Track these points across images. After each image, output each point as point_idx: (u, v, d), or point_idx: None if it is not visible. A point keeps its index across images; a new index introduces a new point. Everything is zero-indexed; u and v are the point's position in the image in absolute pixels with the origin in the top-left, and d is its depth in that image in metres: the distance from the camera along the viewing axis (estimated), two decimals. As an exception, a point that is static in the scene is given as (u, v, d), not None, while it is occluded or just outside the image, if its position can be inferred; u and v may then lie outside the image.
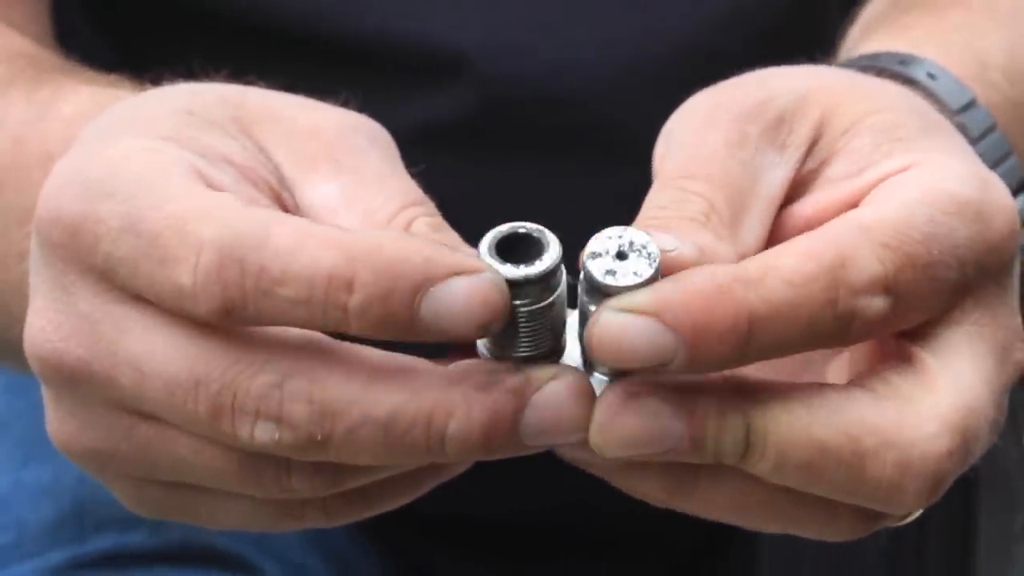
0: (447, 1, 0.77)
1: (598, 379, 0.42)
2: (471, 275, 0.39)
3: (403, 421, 0.39)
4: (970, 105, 0.56)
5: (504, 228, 0.40)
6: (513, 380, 0.39)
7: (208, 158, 0.43)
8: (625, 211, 0.45)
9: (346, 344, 0.40)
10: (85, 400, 0.43)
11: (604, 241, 0.40)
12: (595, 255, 0.39)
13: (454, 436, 0.39)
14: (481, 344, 0.42)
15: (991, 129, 0.56)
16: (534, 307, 0.40)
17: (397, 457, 0.40)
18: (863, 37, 0.62)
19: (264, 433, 0.39)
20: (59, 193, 0.42)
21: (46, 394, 0.45)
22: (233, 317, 0.39)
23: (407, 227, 0.44)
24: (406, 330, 0.39)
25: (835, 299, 0.40)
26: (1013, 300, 0.44)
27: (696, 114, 0.47)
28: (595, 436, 0.39)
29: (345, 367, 0.39)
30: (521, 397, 0.39)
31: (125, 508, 0.70)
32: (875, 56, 0.57)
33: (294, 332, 0.40)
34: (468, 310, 0.38)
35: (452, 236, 0.44)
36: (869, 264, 0.40)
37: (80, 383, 0.42)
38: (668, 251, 0.41)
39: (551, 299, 0.40)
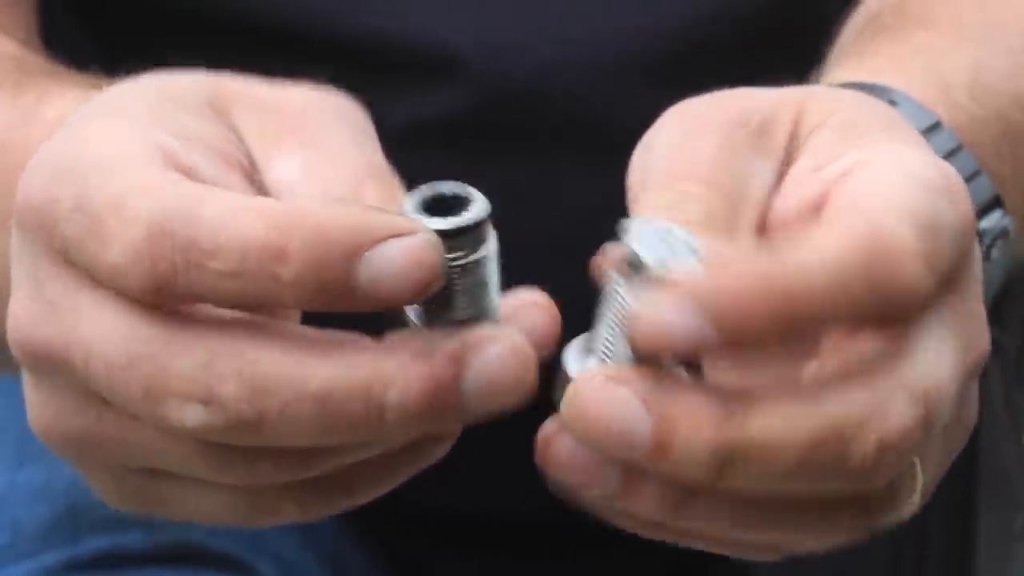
0: (440, 0, 0.78)
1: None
2: (406, 236, 0.39)
3: (339, 394, 0.39)
4: (933, 128, 0.57)
5: (425, 189, 0.40)
6: (451, 345, 0.39)
7: (181, 138, 0.43)
8: (620, 207, 0.46)
9: (279, 322, 0.40)
10: (57, 386, 0.43)
11: (649, 236, 0.40)
12: (637, 250, 0.40)
13: (394, 407, 0.39)
14: (414, 316, 0.42)
15: (957, 149, 0.57)
16: (465, 261, 0.40)
17: (337, 434, 0.40)
18: (835, 63, 0.63)
19: (193, 416, 0.39)
20: (31, 179, 0.43)
21: (26, 383, 0.45)
22: (164, 294, 0.39)
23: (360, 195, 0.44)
24: (344, 298, 0.39)
25: (868, 272, 0.40)
26: (979, 286, 0.45)
27: (679, 127, 0.48)
28: (565, 407, 0.40)
29: (277, 343, 0.39)
30: (460, 361, 0.39)
31: (114, 513, 0.64)
32: (848, 82, 0.58)
33: (228, 313, 0.40)
34: (405, 271, 0.38)
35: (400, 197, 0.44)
36: (906, 234, 0.41)
37: (49, 368, 0.43)
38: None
39: (482, 253, 0.40)
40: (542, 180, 0.58)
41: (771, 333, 0.39)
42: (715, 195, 0.44)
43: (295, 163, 0.44)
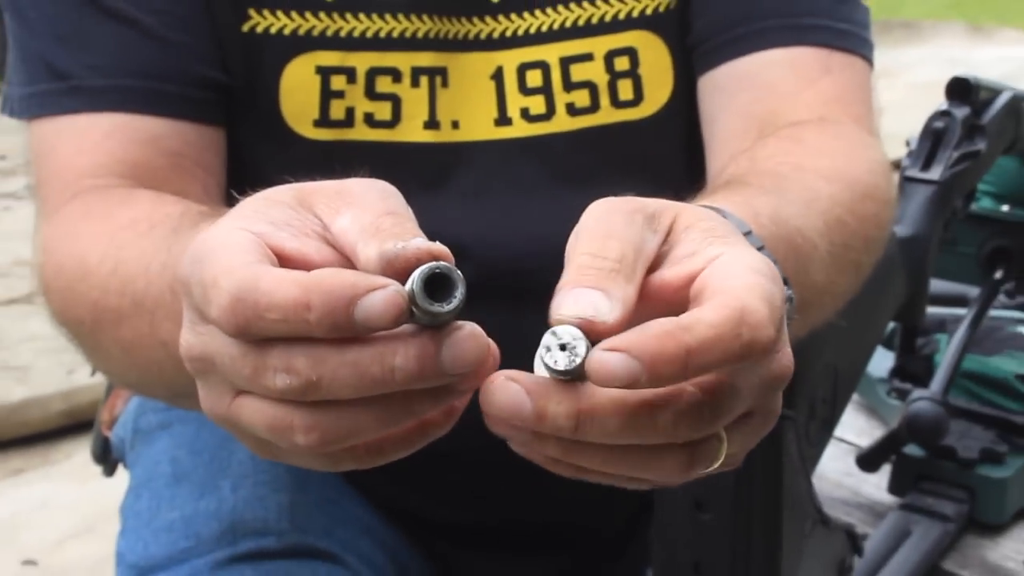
0: (454, 212, 0.92)
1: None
2: (382, 288, 0.45)
3: (364, 359, 0.46)
4: (747, 234, 0.64)
5: (425, 269, 0.46)
6: (432, 331, 0.47)
7: (272, 224, 0.50)
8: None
9: None
10: (211, 383, 0.51)
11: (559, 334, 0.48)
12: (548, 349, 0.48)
13: (399, 367, 0.46)
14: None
15: (761, 248, 0.64)
16: (449, 319, 0.47)
17: (367, 387, 0.46)
18: (696, 200, 0.71)
19: (282, 380, 0.47)
20: (181, 261, 0.51)
21: (198, 386, 0.52)
22: (245, 334, 0.47)
23: (378, 229, 0.49)
24: (350, 329, 0.46)
25: (740, 334, 0.47)
26: (784, 335, 0.51)
27: (600, 209, 0.53)
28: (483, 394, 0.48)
29: (327, 340, 0.46)
30: (438, 338, 0.46)
31: (259, 526, 0.94)
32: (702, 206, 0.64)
33: None
34: (385, 310, 0.45)
35: (409, 227, 0.49)
36: (760, 308, 0.48)
37: (202, 369, 0.51)
38: (605, 320, 0.47)
39: (457, 311, 0.47)
40: (523, 325, 0.57)
41: (676, 370, 0.46)
42: (626, 246, 0.50)
43: (345, 219, 0.50)
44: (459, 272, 0.46)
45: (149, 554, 0.96)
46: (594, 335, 0.47)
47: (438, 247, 0.47)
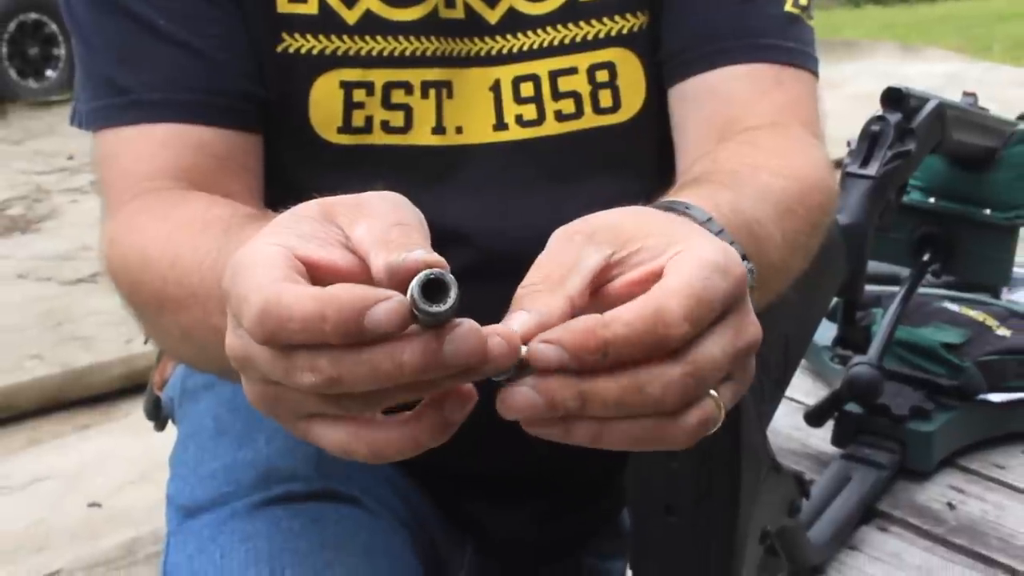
0: (459, 205, 0.91)
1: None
2: (386, 300, 0.45)
3: (378, 357, 0.46)
4: (708, 220, 0.64)
5: (422, 276, 0.46)
6: (434, 329, 0.46)
7: (301, 237, 0.50)
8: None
9: None
10: (253, 378, 0.51)
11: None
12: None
13: (407, 361, 0.46)
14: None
15: (721, 232, 0.64)
16: (446, 318, 0.46)
17: (381, 380, 0.46)
18: (667, 195, 0.71)
19: (308, 379, 0.47)
20: (223, 272, 0.51)
21: (242, 380, 0.52)
22: (272, 342, 0.47)
23: (387, 240, 0.49)
24: (362, 336, 0.45)
25: (654, 330, 0.48)
26: (749, 305, 0.52)
27: (552, 238, 0.55)
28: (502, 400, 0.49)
29: (344, 344, 0.46)
30: (440, 335, 0.46)
31: (289, 473, 0.92)
32: (660, 203, 0.67)
33: None
34: (389, 318, 0.45)
35: (415, 237, 0.49)
36: (676, 308, 0.48)
37: (244, 366, 0.51)
38: (525, 324, 0.49)
39: (451, 313, 0.46)
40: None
41: (597, 358, 0.48)
42: (552, 269, 0.52)
43: (362, 228, 0.50)
44: (452, 276, 0.46)
45: (195, 497, 0.95)
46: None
47: (434, 257, 0.47)
